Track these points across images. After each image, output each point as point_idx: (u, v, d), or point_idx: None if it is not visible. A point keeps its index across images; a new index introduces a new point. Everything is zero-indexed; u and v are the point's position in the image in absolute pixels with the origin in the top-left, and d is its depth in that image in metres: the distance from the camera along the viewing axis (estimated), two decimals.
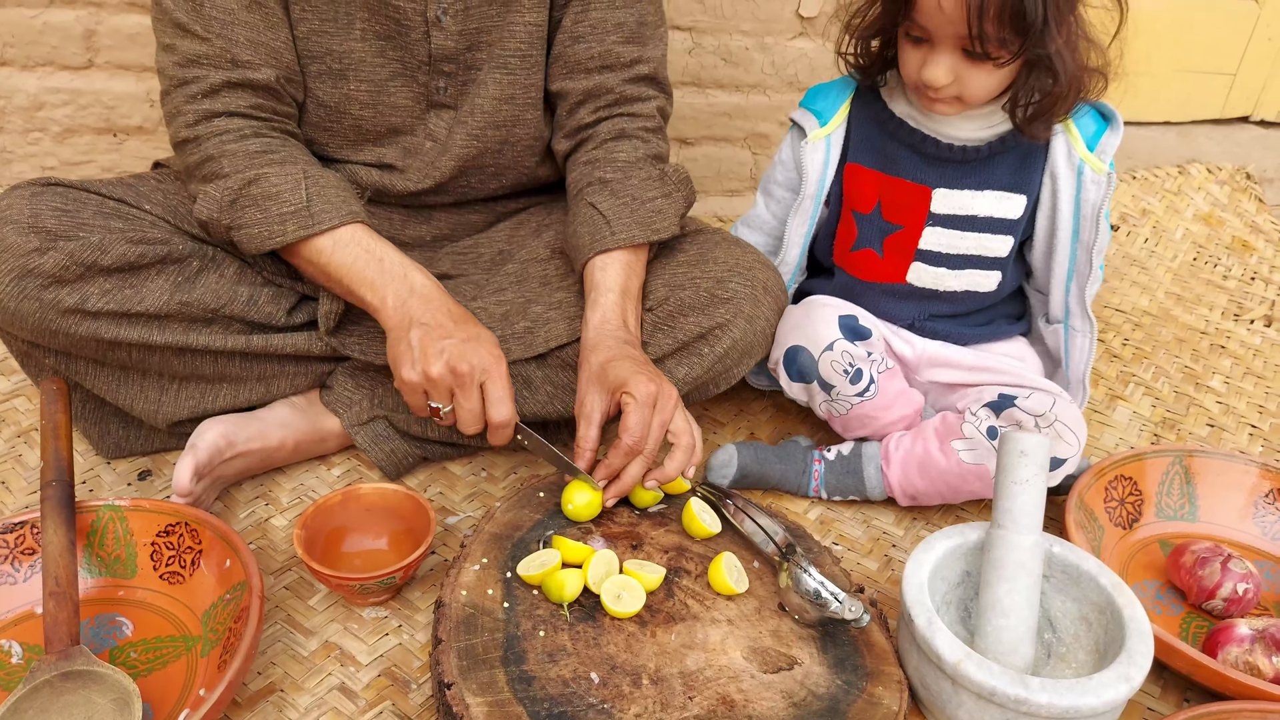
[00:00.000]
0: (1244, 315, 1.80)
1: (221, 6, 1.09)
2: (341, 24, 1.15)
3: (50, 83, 1.68)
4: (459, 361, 1.03)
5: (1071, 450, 1.16)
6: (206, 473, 1.13)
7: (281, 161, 1.11)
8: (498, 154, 1.28)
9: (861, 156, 1.28)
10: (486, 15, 1.19)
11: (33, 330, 1.08)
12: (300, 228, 1.08)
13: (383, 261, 1.10)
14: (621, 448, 1.06)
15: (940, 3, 1.07)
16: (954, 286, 1.27)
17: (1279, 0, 2.09)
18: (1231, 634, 1.05)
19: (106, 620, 1.03)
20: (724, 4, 1.79)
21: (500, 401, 1.05)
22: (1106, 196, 1.20)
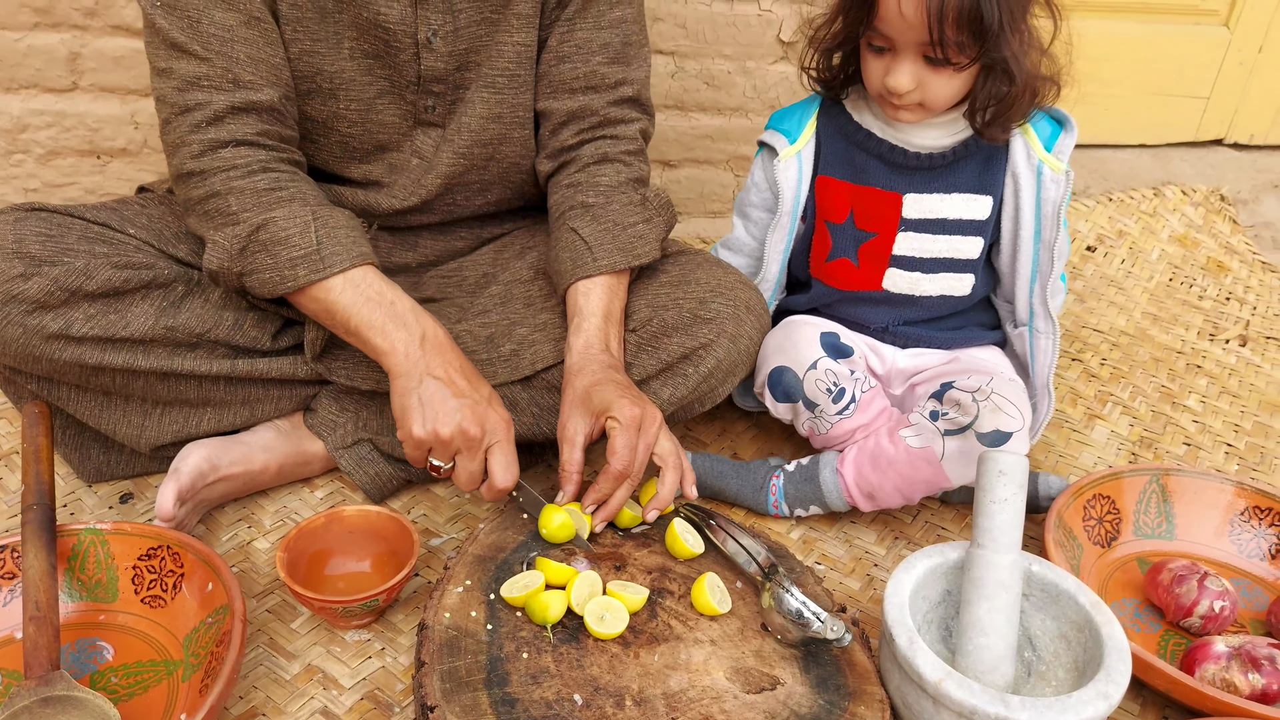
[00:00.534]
0: (1219, 335, 1.82)
1: (220, 23, 1.07)
2: (331, 44, 1.16)
3: (34, 105, 1.68)
4: (472, 426, 1.03)
5: (1014, 423, 1.15)
6: (190, 497, 1.13)
7: (290, 200, 1.09)
8: (483, 170, 1.29)
9: (832, 169, 1.30)
10: (476, 36, 1.20)
11: (16, 356, 1.07)
12: (311, 272, 1.07)
13: (394, 305, 1.09)
14: (610, 472, 1.07)
15: (902, 10, 1.10)
16: (929, 291, 1.30)
17: (1250, 26, 2.13)
18: (1209, 651, 1.06)
19: (87, 645, 1.02)
20: (706, 29, 1.82)
21: (507, 469, 1.07)
22: (1065, 194, 1.24)
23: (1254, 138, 2.29)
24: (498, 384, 1.22)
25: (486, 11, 1.19)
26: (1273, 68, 2.19)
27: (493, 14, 1.20)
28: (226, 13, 1.07)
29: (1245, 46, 2.15)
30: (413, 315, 1.09)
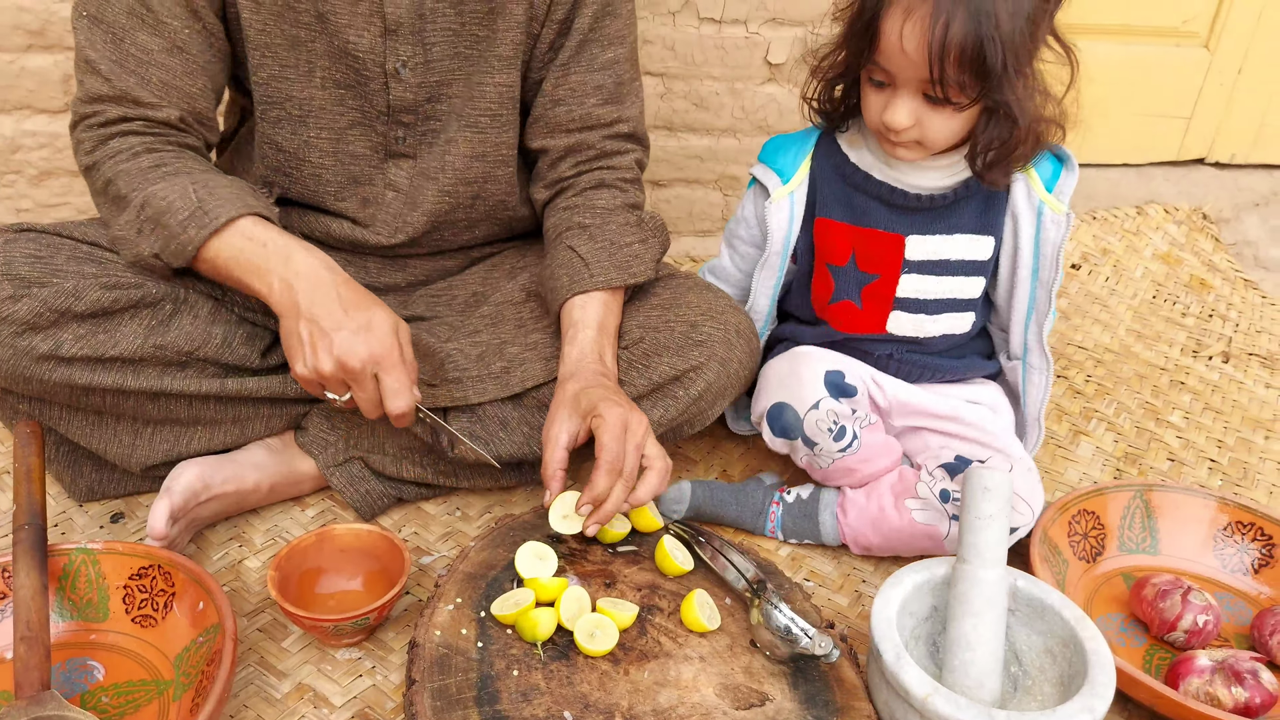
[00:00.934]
0: (1202, 352, 1.84)
1: (142, 45, 1.09)
2: (302, 70, 1.18)
3: (27, 125, 1.69)
4: (349, 357, 1.03)
5: (1024, 520, 1.17)
6: (182, 515, 1.13)
7: (173, 174, 1.09)
8: (470, 209, 1.30)
9: (830, 210, 1.28)
10: (449, 69, 1.21)
11: (5, 377, 1.08)
12: (199, 228, 1.06)
13: (266, 246, 1.07)
14: (602, 466, 1.06)
15: (903, 46, 1.08)
16: (933, 332, 1.29)
17: (1230, 48, 2.16)
18: (1192, 665, 1.08)
19: (78, 665, 1.02)
20: (695, 51, 1.84)
21: (395, 394, 1.05)
22: (1065, 235, 1.23)
23: (1235, 157, 2.32)
24: (488, 401, 1.23)
25: (461, 47, 1.20)
26: (1252, 89, 2.22)
27: (468, 50, 1.21)
28: (151, 38, 1.09)
29: (1225, 68, 2.19)
30: (285, 250, 1.07)
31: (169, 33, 1.10)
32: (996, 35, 1.05)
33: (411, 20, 1.16)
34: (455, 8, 1.18)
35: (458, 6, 1.18)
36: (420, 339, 1.27)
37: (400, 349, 1.06)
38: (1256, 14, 2.13)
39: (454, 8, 1.18)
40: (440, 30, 1.18)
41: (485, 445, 1.23)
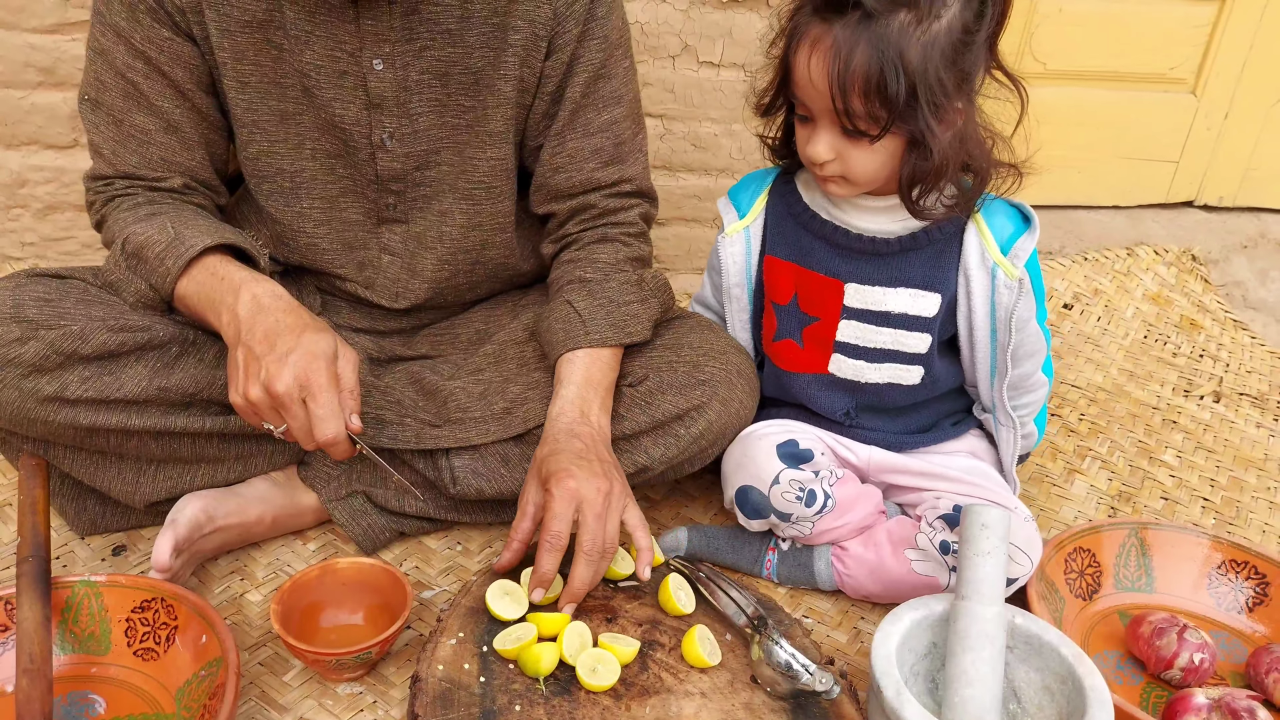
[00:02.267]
0: (1194, 391, 1.87)
1: (140, 126, 1.14)
2: (292, 144, 1.20)
3: (34, 160, 1.71)
4: (273, 382, 1.00)
5: (1023, 570, 1.16)
6: (186, 548, 1.14)
7: (157, 214, 1.13)
8: (470, 273, 1.33)
9: (777, 249, 1.28)
10: (436, 140, 1.22)
11: (11, 418, 1.08)
12: (176, 258, 1.08)
13: (223, 280, 1.08)
14: (541, 543, 1.05)
15: (811, 78, 1.08)
16: (875, 379, 1.25)
17: (1216, 94, 2.21)
18: (1189, 704, 1.08)
19: (79, 698, 1.02)
20: (693, 93, 1.87)
21: (322, 420, 1.01)
22: (1019, 303, 1.17)
23: (1223, 200, 2.36)
24: (491, 442, 1.23)
25: (449, 116, 1.21)
26: (1239, 133, 2.27)
27: (455, 120, 1.22)
28: (147, 118, 1.14)
29: (1212, 113, 2.24)
30: (238, 282, 1.07)
31: (162, 114, 1.14)
32: (900, 64, 1.03)
33: (395, 94, 1.17)
34: (440, 79, 1.19)
35: (443, 79, 1.19)
36: (424, 377, 1.28)
37: (329, 372, 1.02)
38: (1241, 61, 2.18)
39: (439, 79, 1.19)
40: (426, 102, 1.20)
41: (488, 482, 1.23)
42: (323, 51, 1.14)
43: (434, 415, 1.24)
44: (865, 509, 1.25)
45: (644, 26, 1.81)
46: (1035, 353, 1.25)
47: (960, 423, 1.33)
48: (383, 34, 1.14)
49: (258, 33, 1.13)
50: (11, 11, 1.60)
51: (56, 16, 1.61)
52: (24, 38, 1.62)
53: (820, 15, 1.07)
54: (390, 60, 1.16)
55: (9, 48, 1.62)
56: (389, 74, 1.16)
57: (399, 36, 1.15)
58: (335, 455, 1.05)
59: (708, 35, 1.83)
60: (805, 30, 1.08)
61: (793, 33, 1.10)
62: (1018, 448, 1.28)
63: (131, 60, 1.12)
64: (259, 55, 1.15)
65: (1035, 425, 1.33)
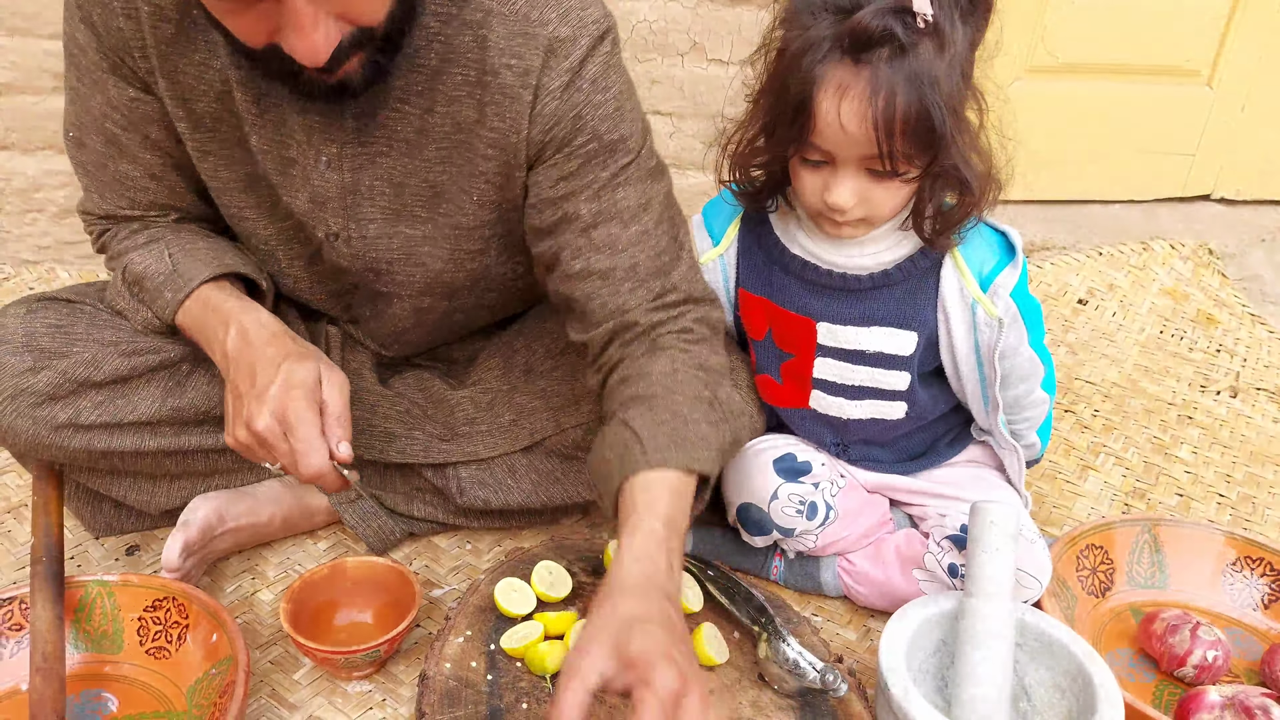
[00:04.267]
0: (1210, 387, 1.85)
1: (123, 173, 1.09)
2: (264, 209, 1.12)
3: (49, 165, 1.73)
4: (253, 421, 0.95)
5: (1031, 593, 1.14)
6: (197, 549, 1.15)
7: (155, 240, 1.10)
8: (464, 327, 1.28)
9: (749, 283, 1.22)
10: (389, 247, 1.10)
11: (26, 445, 1.09)
12: (175, 291, 1.06)
13: (215, 312, 1.05)
14: None
15: (843, 124, 0.99)
16: (857, 415, 1.21)
17: (1232, 86, 2.19)
18: (1202, 701, 1.07)
19: (91, 696, 1.03)
20: (702, 91, 1.87)
21: (303, 455, 0.95)
22: (1001, 341, 1.11)
23: (1240, 193, 2.33)
24: (499, 455, 1.23)
25: (404, 228, 1.09)
26: (1255, 126, 2.24)
27: (411, 230, 1.09)
28: (130, 166, 1.09)
29: (1228, 106, 2.21)
30: (230, 315, 1.03)
31: (144, 164, 1.09)
32: (938, 98, 0.97)
33: (341, 195, 1.06)
34: (394, 188, 1.06)
35: (397, 188, 1.06)
36: (433, 385, 1.27)
37: (308, 403, 0.96)
38: (1257, 53, 2.16)
39: (393, 188, 1.06)
40: (378, 209, 1.08)
41: (494, 493, 1.23)
42: (269, 137, 1.04)
43: (442, 427, 1.24)
44: (871, 518, 1.24)
45: (653, 25, 1.81)
46: (1028, 376, 1.18)
47: (956, 441, 1.29)
48: (331, 134, 1.02)
49: (215, 102, 1.03)
50: (26, 18, 1.62)
51: None
52: (39, 44, 1.64)
53: (844, 55, 0.98)
54: (338, 162, 1.04)
55: (24, 54, 1.64)
56: (334, 175, 1.05)
57: (350, 138, 1.03)
58: (326, 488, 0.98)
59: (716, 32, 1.83)
60: (827, 75, 0.99)
61: (809, 81, 1.00)
62: (1023, 468, 1.25)
63: (107, 110, 1.05)
64: (217, 124, 1.05)
65: (1039, 437, 1.28)
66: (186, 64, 1.01)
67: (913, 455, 1.28)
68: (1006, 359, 1.14)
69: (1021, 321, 1.13)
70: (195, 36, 1.00)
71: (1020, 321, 1.13)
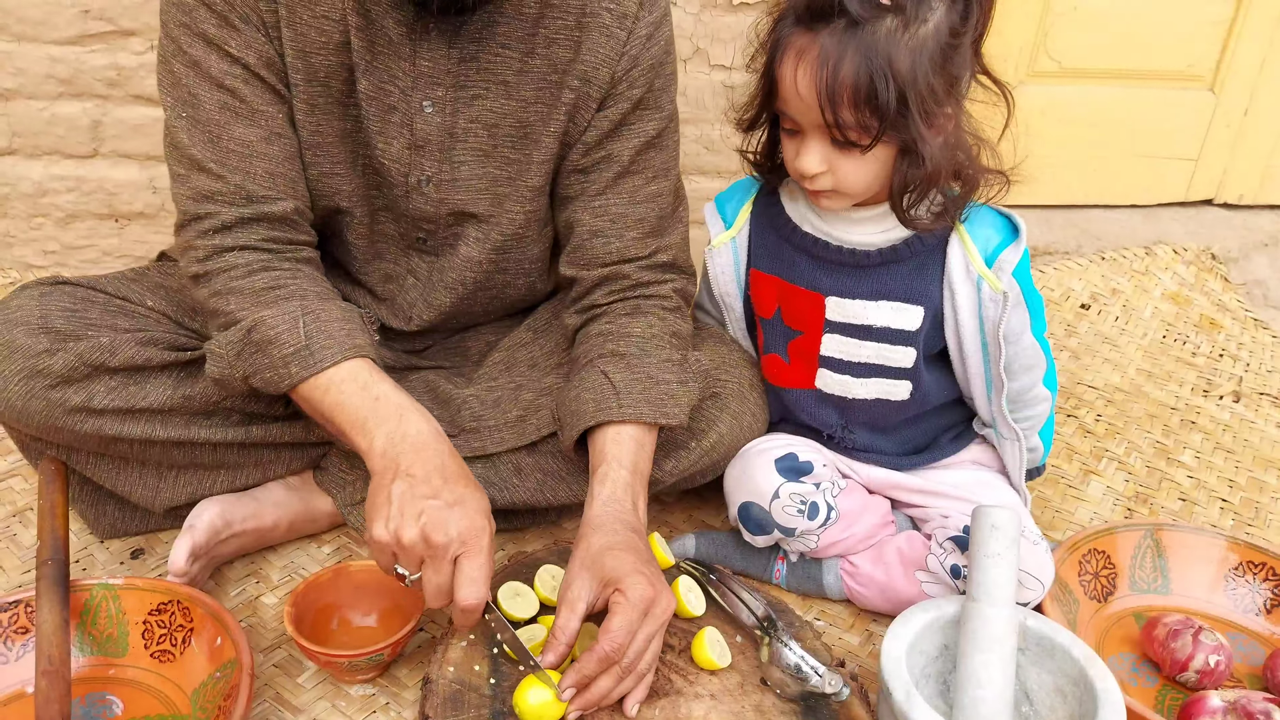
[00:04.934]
0: (1213, 391, 1.85)
1: (240, 139, 1.07)
2: (350, 163, 1.16)
3: (55, 170, 1.74)
4: (435, 531, 0.93)
5: (1033, 595, 1.14)
6: (203, 553, 1.15)
7: (286, 298, 1.06)
8: (487, 304, 1.31)
9: (761, 262, 1.25)
10: (476, 189, 1.19)
11: (38, 427, 1.10)
12: (302, 368, 1.03)
13: (378, 401, 1.02)
14: (597, 652, 0.94)
15: (799, 90, 1.05)
16: (862, 395, 1.23)
17: (1235, 91, 2.19)
18: (1204, 706, 1.07)
19: (97, 699, 1.04)
20: (705, 96, 1.88)
21: (472, 582, 0.94)
22: (1005, 316, 1.14)
23: (1243, 198, 2.33)
24: (506, 450, 1.23)
25: (491, 167, 1.18)
26: (1259, 130, 2.24)
27: (497, 170, 1.18)
28: (248, 129, 1.07)
29: (1231, 110, 2.21)
30: (397, 410, 1.02)
31: (264, 121, 1.08)
32: (889, 72, 1.01)
33: (440, 138, 1.14)
34: (488, 129, 1.15)
35: (491, 129, 1.15)
36: (439, 386, 1.28)
37: (490, 535, 0.97)
38: (1260, 58, 2.16)
39: (487, 129, 1.15)
40: (470, 151, 1.16)
41: (500, 491, 1.23)
42: (376, 83, 1.11)
43: (449, 424, 1.24)
44: (872, 519, 1.24)
45: None
46: (1032, 367, 1.21)
47: (959, 437, 1.30)
48: (437, 77, 1.11)
49: (333, 55, 1.09)
50: (32, 25, 1.62)
51: (77, 28, 1.64)
52: (45, 50, 1.65)
53: (804, 25, 1.05)
54: (440, 104, 1.12)
55: (30, 60, 1.65)
56: (436, 118, 1.13)
57: (453, 81, 1.12)
58: (465, 622, 0.97)
59: (719, 38, 1.84)
60: (789, 41, 1.06)
61: (776, 45, 1.08)
62: (1024, 461, 1.26)
63: (228, 67, 1.06)
64: (329, 78, 1.10)
65: (1040, 440, 1.29)
66: (310, 15, 1.08)
67: (915, 448, 1.29)
68: (1010, 344, 1.17)
69: (1024, 304, 1.16)
70: None
71: (1023, 304, 1.16)
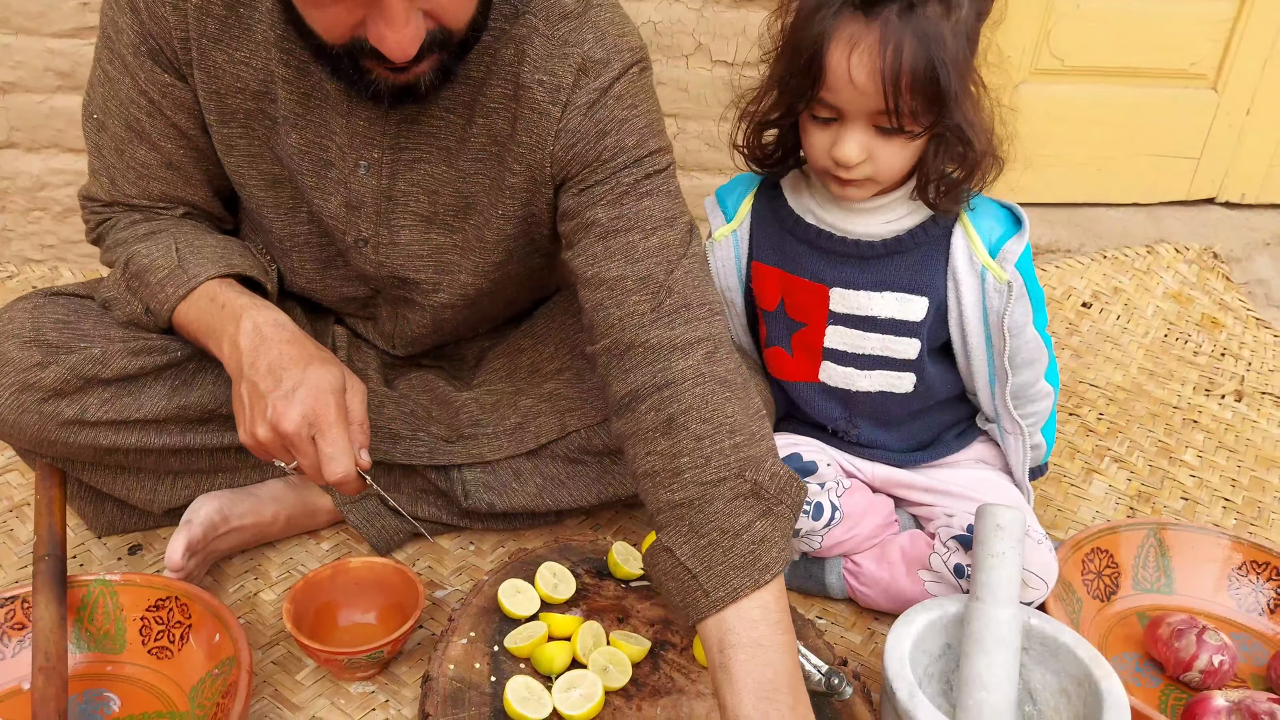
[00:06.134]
0: (1215, 390, 1.84)
1: (141, 160, 1.09)
2: (284, 209, 1.14)
3: (54, 164, 1.73)
4: (281, 420, 0.94)
5: (1037, 594, 1.13)
6: (200, 548, 1.14)
7: (160, 232, 1.09)
8: (474, 328, 1.30)
9: (763, 254, 1.24)
10: (418, 255, 1.14)
11: (32, 440, 1.09)
12: (178, 286, 1.04)
13: (224, 307, 1.02)
14: None
15: (853, 78, 1.03)
16: (866, 387, 1.23)
17: (1238, 90, 2.18)
18: (1208, 706, 1.07)
19: (94, 696, 1.03)
20: (707, 93, 1.87)
21: (330, 459, 0.95)
22: (1009, 307, 1.14)
23: (1245, 197, 2.33)
24: (504, 458, 1.22)
25: (436, 235, 1.12)
26: (1261, 129, 2.24)
27: (443, 238, 1.12)
28: (149, 152, 1.08)
29: (1234, 109, 2.21)
30: (239, 309, 1.01)
31: (164, 152, 1.09)
32: (944, 56, 1.01)
33: (376, 200, 1.09)
34: (429, 195, 1.09)
35: (431, 195, 1.09)
36: (437, 386, 1.27)
37: (338, 408, 0.96)
38: (1263, 57, 2.15)
39: (427, 195, 1.09)
40: (410, 215, 1.11)
41: (499, 496, 1.23)
42: (310, 138, 1.06)
43: (447, 428, 1.23)
44: (876, 519, 1.24)
45: (657, 26, 1.81)
46: (1034, 361, 1.20)
47: (964, 434, 1.30)
48: (373, 138, 1.05)
49: (250, 100, 1.05)
50: (30, 17, 1.61)
51: (76, 21, 1.63)
52: (44, 42, 1.64)
53: (858, 10, 1.02)
54: (376, 166, 1.07)
55: (29, 53, 1.64)
56: (371, 180, 1.08)
57: (390, 143, 1.06)
58: (345, 492, 1.00)
59: (721, 34, 1.83)
60: (838, 29, 1.03)
61: (821, 35, 1.04)
62: (1028, 457, 1.25)
63: (135, 95, 1.05)
64: (249, 120, 1.07)
65: (1044, 437, 1.29)
66: (226, 60, 1.03)
67: (920, 444, 1.29)
68: (1014, 336, 1.17)
69: (1028, 297, 1.16)
70: (239, 33, 1.02)
71: (1026, 296, 1.16)
